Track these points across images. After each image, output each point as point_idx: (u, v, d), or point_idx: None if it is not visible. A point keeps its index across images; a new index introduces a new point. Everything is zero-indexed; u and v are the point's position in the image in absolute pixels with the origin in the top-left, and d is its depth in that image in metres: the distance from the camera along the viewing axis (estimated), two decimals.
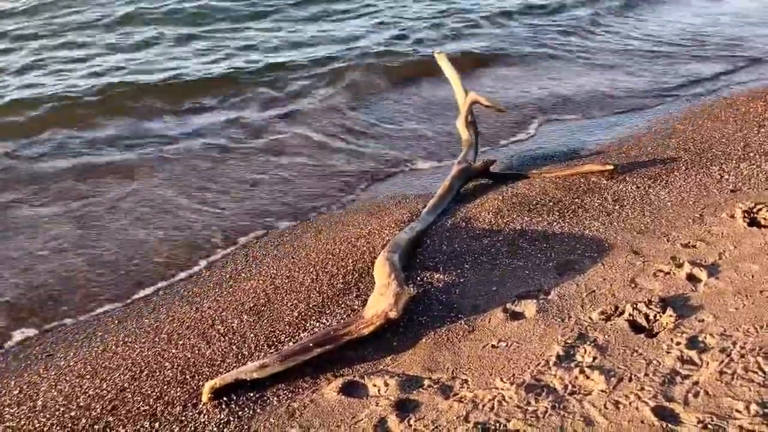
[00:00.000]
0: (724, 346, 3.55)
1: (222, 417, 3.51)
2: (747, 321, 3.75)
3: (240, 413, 3.53)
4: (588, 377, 3.42)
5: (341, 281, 4.66)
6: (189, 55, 10.02)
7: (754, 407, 3.07)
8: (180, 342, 4.19)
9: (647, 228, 5.10)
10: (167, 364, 3.98)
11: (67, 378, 3.94)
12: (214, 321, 4.37)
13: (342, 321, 4.18)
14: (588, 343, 3.72)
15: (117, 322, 4.54)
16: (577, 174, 6.08)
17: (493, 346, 3.85)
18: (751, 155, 6.21)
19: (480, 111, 7.22)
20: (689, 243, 4.76)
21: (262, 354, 3.99)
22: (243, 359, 3.96)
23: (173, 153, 7.03)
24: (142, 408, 3.63)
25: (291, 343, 4.03)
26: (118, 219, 5.83)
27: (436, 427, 3.22)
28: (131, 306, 4.75)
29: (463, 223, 5.36)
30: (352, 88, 8.82)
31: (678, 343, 3.61)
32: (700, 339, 3.65)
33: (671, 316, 3.88)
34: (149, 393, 3.74)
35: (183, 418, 3.54)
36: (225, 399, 3.61)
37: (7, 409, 3.73)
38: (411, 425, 3.26)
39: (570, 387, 3.38)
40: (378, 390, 3.58)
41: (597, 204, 5.56)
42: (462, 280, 4.59)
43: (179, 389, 3.75)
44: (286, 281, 4.74)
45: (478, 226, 5.31)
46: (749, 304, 3.93)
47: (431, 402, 3.42)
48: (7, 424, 3.62)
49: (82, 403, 3.70)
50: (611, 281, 4.39)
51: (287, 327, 4.24)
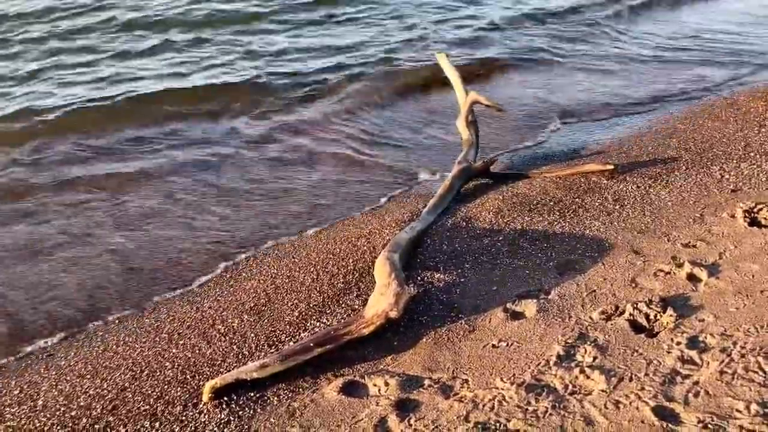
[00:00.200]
0: (724, 345, 3.55)
1: (222, 417, 3.51)
2: (747, 321, 3.75)
3: (240, 413, 3.53)
4: (588, 377, 3.42)
5: (342, 281, 4.66)
6: (196, 61, 9.91)
7: (754, 407, 3.08)
8: (180, 342, 4.19)
9: (648, 228, 5.10)
10: (168, 363, 3.98)
11: (68, 378, 3.95)
12: (214, 321, 4.37)
13: (342, 321, 4.18)
14: (588, 343, 3.72)
15: (117, 321, 4.55)
16: (578, 174, 6.08)
17: (494, 345, 3.85)
18: (752, 155, 6.21)
19: (498, 116, 7.24)
20: (690, 243, 4.76)
21: (262, 354, 3.99)
22: (243, 359, 3.96)
23: (169, 163, 6.88)
24: (142, 408, 3.63)
25: (291, 343, 4.04)
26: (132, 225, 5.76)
27: (436, 427, 3.22)
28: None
29: (464, 223, 5.36)
30: (367, 95, 8.67)
31: (678, 343, 3.61)
32: (700, 339, 3.65)
33: (672, 315, 3.88)
34: (150, 393, 3.74)
35: (183, 417, 3.54)
36: (225, 399, 3.61)
37: (8, 409, 3.74)
38: (411, 425, 3.26)
39: (570, 387, 3.38)
40: (378, 390, 3.59)
41: (597, 204, 5.56)
42: (462, 279, 4.59)
43: (180, 389, 3.75)
44: (286, 281, 4.74)
45: (478, 225, 5.31)
46: (750, 303, 3.93)
47: (431, 402, 3.42)
48: (8, 423, 3.63)
49: (82, 403, 3.71)
50: (612, 281, 4.39)
51: (288, 327, 4.24)
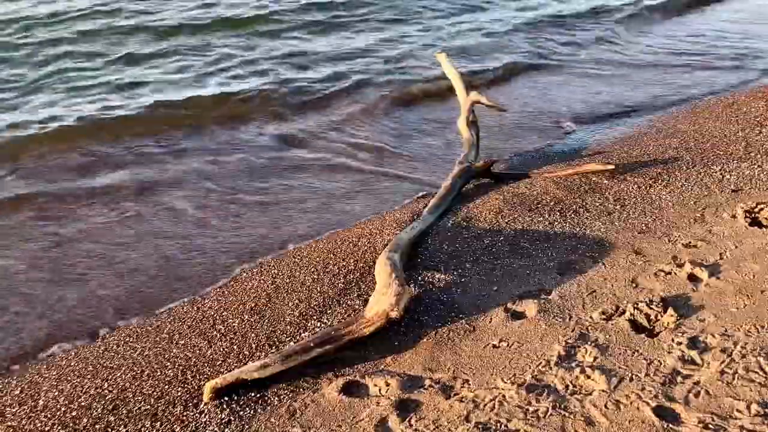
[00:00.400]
0: (725, 346, 3.55)
1: (223, 417, 3.51)
2: (748, 321, 3.75)
3: (241, 413, 3.53)
4: (589, 377, 3.42)
5: (342, 281, 4.66)
6: (204, 68, 9.76)
7: (755, 407, 3.08)
8: (181, 342, 4.19)
9: (648, 228, 5.10)
10: (168, 363, 3.98)
11: (69, 377, 3.95)
12: (215, 321, 4.37)
13: (343, 321, 4.18)
14: (589, 343, 3.72)
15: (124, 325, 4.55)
16: (578, 174, 6.08)
17: (494, 345, 3.85)
18: (753, 155, 6.21)
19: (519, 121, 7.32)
20: (690, 243, 4.76)
21: (263, 354, 3.99)
22: (244, 359, 3.96)
23: (182, 173, 6.82)
24: (143, 408, 3.63)
25: (292, 343, 4.04)
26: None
27: (437, 427, 3.22)
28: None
29: (465, 223, 5.36)
30: (373, 104, 8.64)
31: (679, 343, 3.61)
32: (701, 339, 3.65)
33: (672, 315, 3.88)
34: (150, 393, 3.74)
35: (184, 417, 3.54)
36: (226, 399, 3.61)
37: (9, 409, 3.74)
38: (412, 425, 3.26)
39: (571, 387, 3.38)
40: (379, 390, 3.59)
41: (598, 204, 5.56)
42: (463, 279, 4.59)
43: (180, 389, 3.75)
44: (287, 281, 4.74)
45: (479, 225, 5.31)
46: (750, 303, 3.93)
47: (432, 402, 3.42)
48: (9, 423, 3.63)
49: (83, 403, 3.71)
50: (612, 281, 4.39)
51: (288, 327, 4.24)
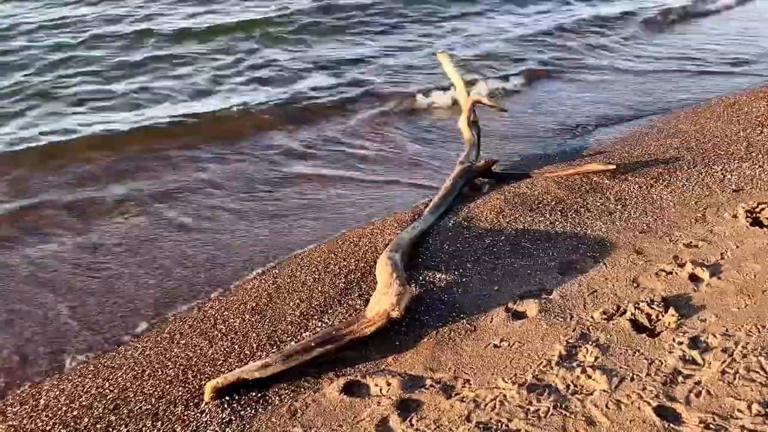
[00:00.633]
0: (726, 345, 3.55)
1: (224, 416, 3.51)
2: (749, 321, 3.75)
3: (242, 413, 3.53)
4: (590, 377, 3.42)
5: (343, 280, 4.66)
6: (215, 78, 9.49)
7: (756, 407, 3.07)
8: (182, 341, 4.19)
9: (649, 228, 5.09)
10: (169, 363, 3.98)
11: (69, 377, 3.95)
12: (216, 320, 4.37)
13: (344, 320, 4.18)
14: (590, 343, 3.72)
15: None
16: (579, 173, 6.08)
17: (495, 345, 3.85)
18: (754, 155, 6.20)
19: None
20: (691, 243, 4.76)
21: (264, 353, 3.99)
22: (245, 358, 3.96)
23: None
24: (144, 407, 3.64)
25: (293, 343, 4.04)
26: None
27: (438, 427, 3.22)
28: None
29: (466, 223, 5.36)
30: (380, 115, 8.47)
31: (680, 343, 3.61)
32: (702, 339, 3.65)
33: (673, 315, 3.88)
34: (151, 392, 3.75)
35: (185, 417, 3.54)
36: (227, 398, 3.61)
37: (10, 408, 3.75)
38: (413, 425, 3.26)
39: (572, 387, 3.38)
40: (380, 389, 3.59)
41: (599, 203, 5.55)
42: (464, 279, 4.59)
43: (181, 388, 3.75)
44: (288, 280, 4.74)
45: (480, 225, 5.31)
46: (751, 303, 3.93)
47: (433, 402, 3.42)
48: (10, 423, 3.63)
49: (84, 402, 3.71)
50: (613, 281, 4.39)
51: (289, 326, 4.24)
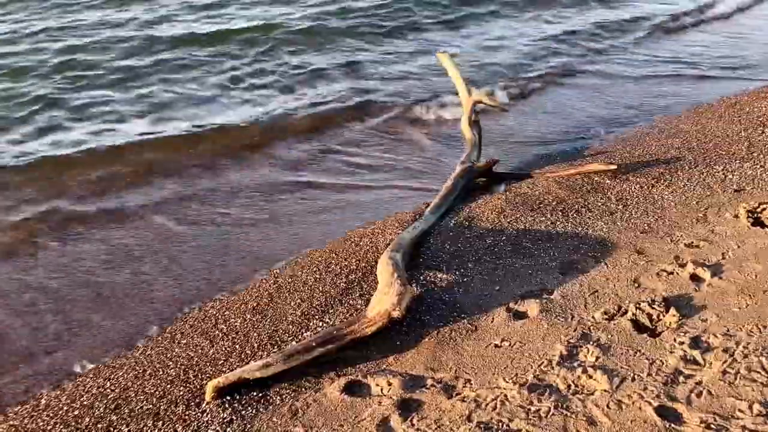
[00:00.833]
0: (727, 345, 3.55)
1: (225, 416, 3.52)
2: (750, 321, 3.75)
3: (243, 412, 3.54)
4: (591, 377, 3.42)
5: (344, 280, 4.66)
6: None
7: (757, 407, 3.07)
8: (183, 341, 4.19)
9: (651, 228, 5.09)
10: (170, 363, 3.98)
11: (71, 376, 3.96)
12: (217, 320, 4.37)
13: (345, 320, 4.18)
14: (591, 343, 3.72)
15: None
16: (581, 173, 6.08)
17: (496, 345, 3.85)
18: (755, 155, 6.20)
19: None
20: (693, 243, 4.76)
21: (265, 353, 3.99)
22: (246, 358, 3.97)
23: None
24: (145, 407, 3.64)
25: (294, 342, 4.04)
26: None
27: (438, 427, 3.22)
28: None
29: (467, 223, 5.36)
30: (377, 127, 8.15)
31: (681, 343, 3.61)
32: (703, 339, 3.64)
33: (674, 315, 3.88)
34: (152, 392, 3.75)
35: (186, 416, 3.55)
36: (228, 398, 3.62)
37: (11, 408, 3.75)
38: (414, 425, 3.26)
39: (573, 387, 3.38)
40: (381, 389, 3.59)
41: (600, 204, 5.55)
42: (465, 279, 4.59)
43: (182, 388, 3.76)
44: (289, 280, 4.74)
45: (481, 225, 5.31)
46: (752, 303, 3.92)
47: (434, 401, 3.42)
48: (11, 422, 3.64)
49: (85, 402, 3.71)
50: (614, 281, 4.39)
51: (290, 326, 4.24)
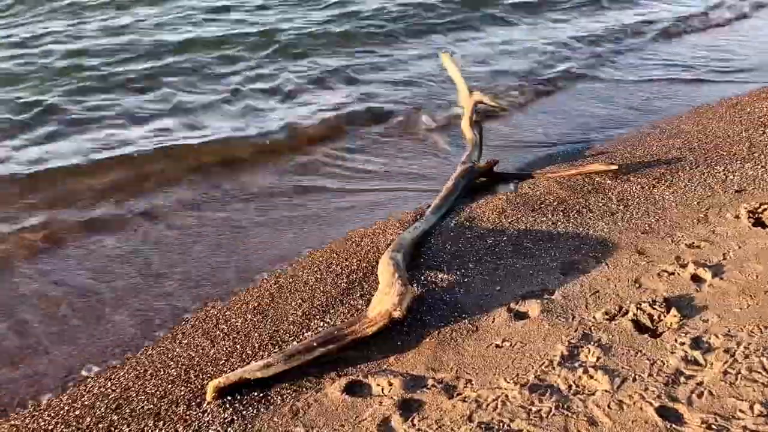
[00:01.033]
0: (728, 346, 3.54)
1: (226, 416, 3.52)
2: (751, 321, 3.75)
3: (244, 412, 3.54)
4: (592, 377, 3.42)
5: (345, 280, 4.66)
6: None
7: (758, 407, 3.07)
8: (184, 341, 4.19)
9: (651, 228, 5.09)
10: (171, 363, 3.99)
11: (74, 377, 3.96)
12: (218, 320, 4.38)
13: (346, 320, 4.18)
14: (592, 343, 3.71)
15: None
16: (582, 174, 6.07)
17: (497, 345, 3.85)
18: (756, 155, 6.20)
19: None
20: (694, 243, 4.76)
21: (266, 353, 3.99)
22: (247, 358, 3.97)
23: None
24: (146, 407, 3.64)
25: (295, 343, 4.04)
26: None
27: (439, 427, 3.22)
28: None
29: (468, 223, 5.36)
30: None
31: (682, 344, 3.61)
32: (704, 339, 3.64)
33: (675, 316, 3.88)
34: (153, 392, 3.75)
35: (187, 417, 3.55)
36: (229, 398, 3.62)
37: (11, 408, 3.75)
38: (415, 425, 3.26)
39: (574, 387, 3.38)
40: (382, 389, 3.59)
41: (601, 204, 5.55)
42: (466, 279, 4.59)
43: (183, 388, 3.76)
44: (290, 280, 4.74)
45: (482, 225, 5.31)
46: (753, 304, 3.92)
47: (435, 402, 3.42)
48: (12, 422, 3.64)
49: (86, 402, 3.72)
50: (615, 281, 4.39)
51: (291, 326, 4.24)
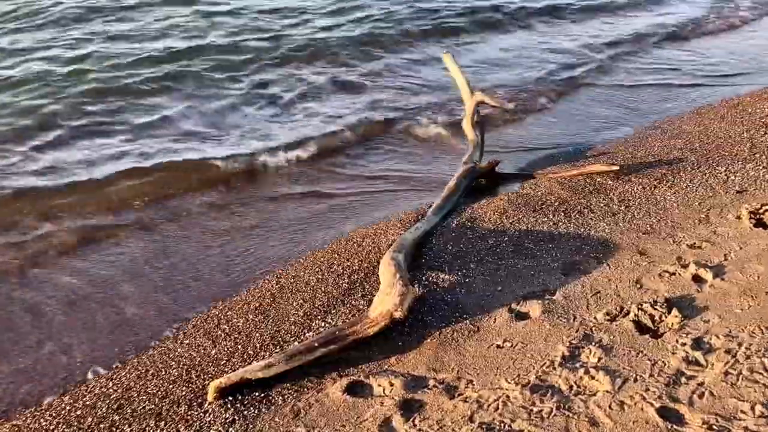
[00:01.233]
0: (729, 347, 3.54)
1: (227, 416, 3.52)
2: (752, 322, 3.74)
3: (245, 412, 3.54)
4: (593, 378, 3.42)
5: (347, 281, 4.67)
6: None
7: (759, 408, 3.07)
8: (185, 341, 4.20)
9: (653, 229, 5.09)
10: (173, 363, 3.99)
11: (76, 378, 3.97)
12: (219, 320, 4.38)
13: (347, 321, 4.18)
14: (593, 344, 3.71)
15: None
16: (583, 174, 6.08)
17: (498, 346, 3.85)
18: (758, 156, 6.19)
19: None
20: (695, 244, 4.75)
21: (267, 353, 3.99)
22: (248, 359, 3.97)
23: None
24: (147, 407, 3.65)
25: (296, 343, 4.04)
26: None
27: (440, 428, 3.22)
28: None
29: (469, 223, 5.36)
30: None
31: (683, 344, 3.61)
32: (705, 340, 3.64)
33: (676, 316, 3.88)
34: (155, 392, 3.76)
35: (188, 417, 3.55)
36: (230, 398, 3.62)
37: (12, 408, 3.76)
38: (416, 425, 3.26)
39: (575, 387, 3.38)
40: (383, 390, 3.59)
41: (603, 204, 5.55)
42: (467, 280, 4.59)
43: (185, 388, 3.76)
44: (291, 280, 4.75)
45: (483, 226, 5.31)
46: (755, 305, 3.92)
47: (436, 402, 3.42)
48: (14, 422, 3.64)
49: (88, 402, 3.72)
50: (616, 282, 4.39)
51: (293, 326, 4.25)
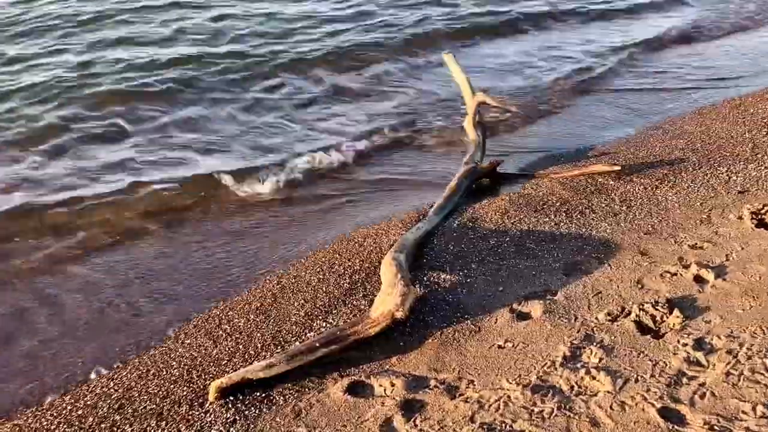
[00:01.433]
0: (730, 347, 3.54)
1: (228, 416, 3.52)
2: (754, 322, 3.74)
3: (246, 412, 3.54)
4: (594, 378, 3.42)
5: (348, 281, 4.67)
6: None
7: (760, 409, 3.07)
8: (187, 341, 4.20)
9: (654, 229, 5.09)
10: (174, 363, 3.99)
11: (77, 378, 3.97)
12: (220, 320, 4.38)
13: (348, 321, 4.18)
14: (594, 344, 3.71)
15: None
16: (585, 174, 6.07)
17: (500, 346, 3.85)
18: (760, 156, 6.19)
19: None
20: (696, 244, 4.75)
21: (268, 353, 3.99)
22: (249, 359, 3.97)
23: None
24: (148, 407, 3.65)
25: (297, 343, 4.04)
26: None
27: (441, 428, 3.22)
28: None
29: (470, 224, 5.36)
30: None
31: (684, 345, 3.61)
32: (706, 340, 3.64)
33: (678, 317, 3.87)
34: (156, 392, 3.76)
35: (189, 417, 3.55)
36: (231, 398, 3.62)
37: (13, 408, 3.76)
38: (417, 425, 3.26)
39: (576, 388, 3.38)
40: (384, 390, 3.59)
41: (604, 205, 5.55)
42: (469, 280, 4.59)
43: (186, 388, 3.76)
44: (292, 280, 4.75)
45: (485, 226, 5.31)
46: (756, 305, 3.92)
47: (437, 402, 3.42)
48: (15, 422, 3.65)
49: (89, 401, 3.72)
50: (618, 282, 4.38)
51: (294, 326, 4.25)
